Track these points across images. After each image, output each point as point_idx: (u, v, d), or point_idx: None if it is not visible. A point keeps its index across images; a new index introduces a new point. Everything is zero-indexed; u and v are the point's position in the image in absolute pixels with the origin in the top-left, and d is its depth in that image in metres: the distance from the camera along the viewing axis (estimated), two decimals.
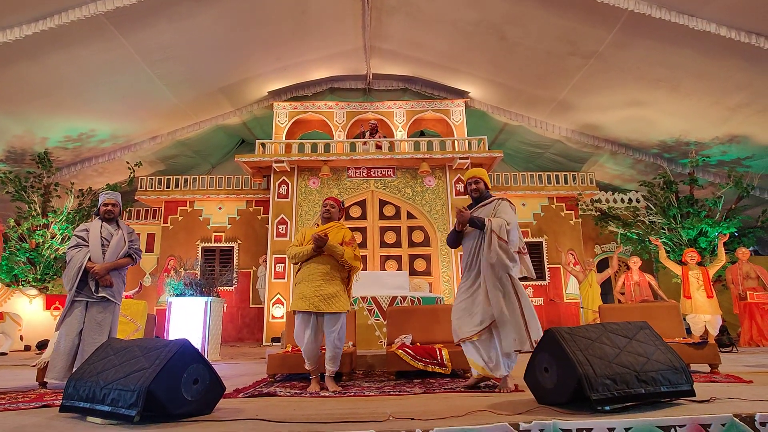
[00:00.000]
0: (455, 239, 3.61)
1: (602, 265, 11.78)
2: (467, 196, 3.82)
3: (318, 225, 3.96)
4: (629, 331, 2.70)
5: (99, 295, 3.74)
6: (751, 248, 9.84)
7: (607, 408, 2.32)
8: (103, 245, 3.85)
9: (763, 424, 2.18)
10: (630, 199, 12.16)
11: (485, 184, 3.65)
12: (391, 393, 3.34)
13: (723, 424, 2.17)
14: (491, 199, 3.59)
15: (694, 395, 2.51)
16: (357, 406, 2.81)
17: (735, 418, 2.16)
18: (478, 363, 3.37)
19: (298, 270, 3.75)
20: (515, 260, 3.37)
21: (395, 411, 2.52)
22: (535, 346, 3.17)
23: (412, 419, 2.30)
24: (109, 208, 4.00)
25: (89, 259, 3.76)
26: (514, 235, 3.37)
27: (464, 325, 3.39)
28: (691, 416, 2.20)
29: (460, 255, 3.88)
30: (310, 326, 3.57)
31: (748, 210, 9.85)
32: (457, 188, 10.81)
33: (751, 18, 6.84)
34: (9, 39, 6.89)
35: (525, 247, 3.52)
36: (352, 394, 3.36)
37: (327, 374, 3.64)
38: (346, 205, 7.99)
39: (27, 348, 8.54)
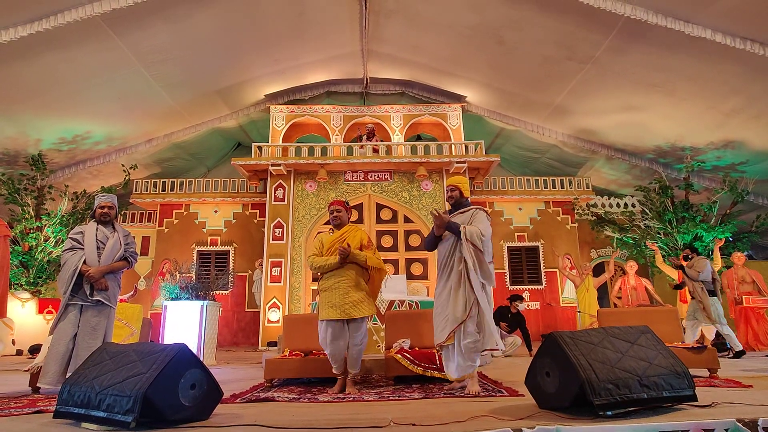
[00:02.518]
0: (433, 242, 3.79)
1: (598, 270, 11.80)
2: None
3: (332, 231, 3.95)
4: (631, 336, 2.69)
5: (94, 298, 3.69)
6: (746, 253, 9.90)
7: (610, 413, 2.31)
8: (98, 248, 3.81)
9: (766, 429, 2.17)
10: (626, 204, 12.22)
11: (461, 193, 3.83)
12: (391, 398, 3.31)
13: (726, 430, 2.16)
14: (469, 207, 3.77)
15: (696, 400, 2.50)
16: (357, 412, 2.78)
17: (738, 423, 2.15)
18: (446, 368, 3.60)
19: (321, 277, 3.81)
20: (490, 274, 3.52)
21: (396, 416, 2.49)
22: (486, 353, 3.47)
23: (413, 425, 2.28)
24: (105, 210, 3.96)
25: (84, 262, 3.71)
26: (488, 246, 3.56)
27: (441, 329, 3.53)
28: (694, 421, 2.19)
29: None
30: (338, 332, 3.64)
31: (742, 215, 9.90)
32: None
33: (745, 24, 6.90)
34: (4, 40, 6.83)
35: (492, 257, 3.68)
36: (352, 399, 3.32)
37: (350, 378, 3.72)
38: None
39: (19, 352, 8.43)
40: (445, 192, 3.94)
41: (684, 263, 6.63)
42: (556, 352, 2.57)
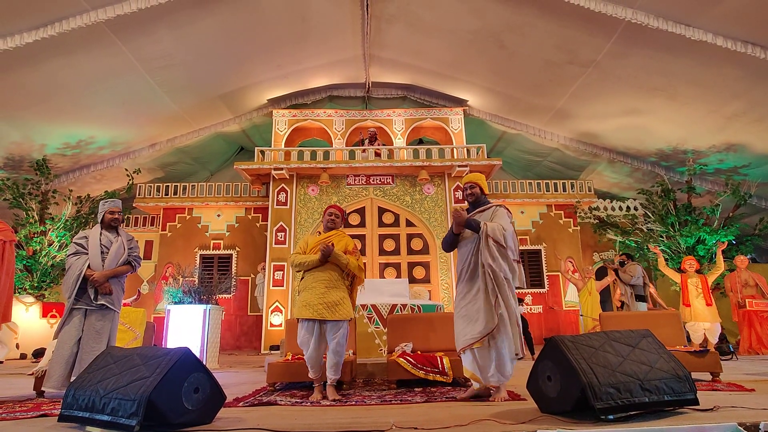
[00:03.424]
0: (452, 242, 3.59)
1: (601, 273, 11.78)
2: (464, 203, 3.82)
3: (320, 233, 3.96)
4: (632, 340, 2.69)
5: (98, 302, 3.72)
6: (749, 256, 9.87)
7: (611, 417, 2.31)
8: (102, 252, 3.84)
9: None
10: (628, 207, 12.20)
11: (481, 189, 3.64)
12: (393, 402, 3.31)
13: None
14: (489, 205, 3.59)
15: (698, 404, 2.50)
16: (359, 416, 2.79)
17: (740, 427, 2.15)
18: (476, 373, 3.33)
19: (302, 278, 3.75)
20: (515, 270, 3.36)
21: (398, 420, 2.50)
22: (520, 355, 3.28)
23: (416, 429, 2.29)
24: (116, 216, 4.01)
25: (88, 267, 3.74)
26: (511, 242, 3.35)
27: (466, 333, 3.32)
28: (695, 425, 2.19)
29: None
30: (313, 334, 3.57)
31: (745, 218, 9.89)
32: (456, 196, 10.83)
33: (747, 28, 6.92)
34: (9, 46, 6.90)
35: (519, 256, 3.49)
36: (354, 403, 3.33)
37: (328, 383, 3.63)
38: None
39: (23, 356, 8.46)
40: (464, 189, 3.67)
41: (619, 268, 7.21)
42: (558, 356, 2.57)
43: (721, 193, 9.68)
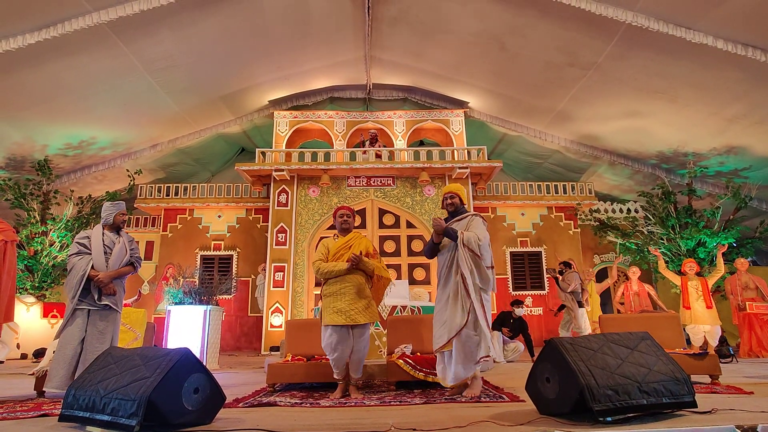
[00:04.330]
0: (432, 249, 3.81)
1: (601, 276, 11.78)
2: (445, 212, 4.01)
3: (336, 236, 4.01)
4: (631, 342, 2.70)
5: (102, 303, 3.73)
6: (749, 259, 9.86)
7: (609, 419, 2.32)
8: (105, 253, 3.85)
9: None
10: (629, 210, 12.20)
11: (460, 200, 3.88)
12: (392, 403, 3.32)
13: None
14: (466, 214, 3.81)
15: (696, 406, 2.51)
16: (358, 417, 2.80)
17: (737, 430, 2.16)
18: (439, 373, 3.66)
19: (325, 282, 3.83)
20: (488, 278, 3.54)
21: (397, 421, 2.51)
22: (482, 360, 3.46)
23: (414, 430, 2.30)
24: (125, 218, 4.08)
25: (92, 267, 3.76)
26: (486, 251, 3.56)
27: (440, 335, 3.56)
28: (693, 427, 2.20)
29: None
30: (343, 338, 3.66)
31: (746, 221, 9.88)
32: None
33: (747, 31, 6.93)
34: (12, 47, 6.92)
35: (493, 263, 3.70)
36: (353, 404, 3.34)
37: (352, 382, 3.76)
38: None
39: (24, 356, 8.48)
40: (444, 199, 3.91)
41: (558, 276, 7.74)
42: (556, 358, 2.58)
43: (721, 196, 9.68)
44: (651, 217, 10.17)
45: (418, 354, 4.43)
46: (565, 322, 7.82)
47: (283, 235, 10.60)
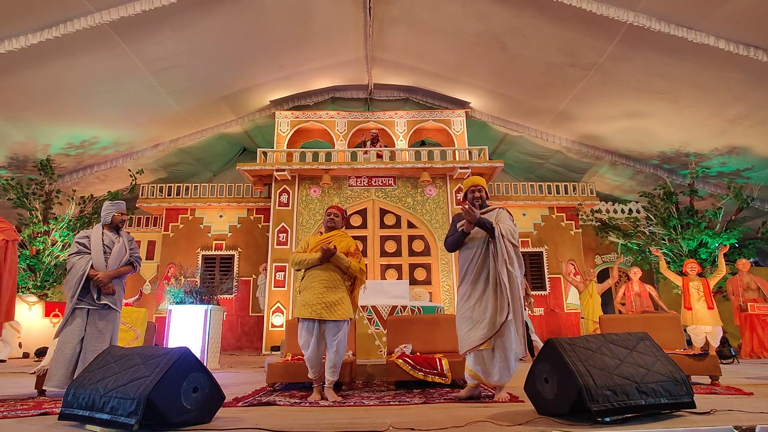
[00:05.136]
0: (458, 242, 3.50)
1: (603, 276, 11.76)
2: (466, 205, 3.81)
3: (321, 233, 3.95)
4: (630, 342, 2.69)
5: (101, 302, 3.74)
6: (751, 259, 9.84)
7: (608, 419, 2.31)
8: (105, 252, 3.86)
9: None
10: (630, 210, 12.19)
11: (486, 194, 3.67)
12: (391, 403, 3.33)
13: None
14: (491, 207, 3.59)
15: (695, 407, 2.50)
16: (357, 416, 2.80)
17: (736, 431, 2.16)
18: (479, 373, 3.35)
19: (302, 278, 3.75)
20: (522, 268, 3.39)
21: (395, 421, 2.51)
22: (524, 355, 3.33)
23: (413, 429, 2.30)
24: (125, 218, 4.08)
25: (92, 267, 3.77)
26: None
27: (471, 335, 3.31)
28: (692, 428, 2.20)
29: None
30: (312, 334, 3.56)
31: (748, 221, 9.85)
32: (458, 197, 10.84)
33: (748, 31, 6.91)
34: (14, 48, 6.95)
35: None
36: (352, 403, 3.34)
37: (326, 384, 3.61)
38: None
39: (26, 355, 8.51)
40: (468, 192, 3.64)
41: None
42: (555, 359, 2.58)
43: (723, 197, 9.66)
44: (652, 218, 10.15)
45: (418, 354, 4.43)
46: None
47: (284, 235, 10.61)
